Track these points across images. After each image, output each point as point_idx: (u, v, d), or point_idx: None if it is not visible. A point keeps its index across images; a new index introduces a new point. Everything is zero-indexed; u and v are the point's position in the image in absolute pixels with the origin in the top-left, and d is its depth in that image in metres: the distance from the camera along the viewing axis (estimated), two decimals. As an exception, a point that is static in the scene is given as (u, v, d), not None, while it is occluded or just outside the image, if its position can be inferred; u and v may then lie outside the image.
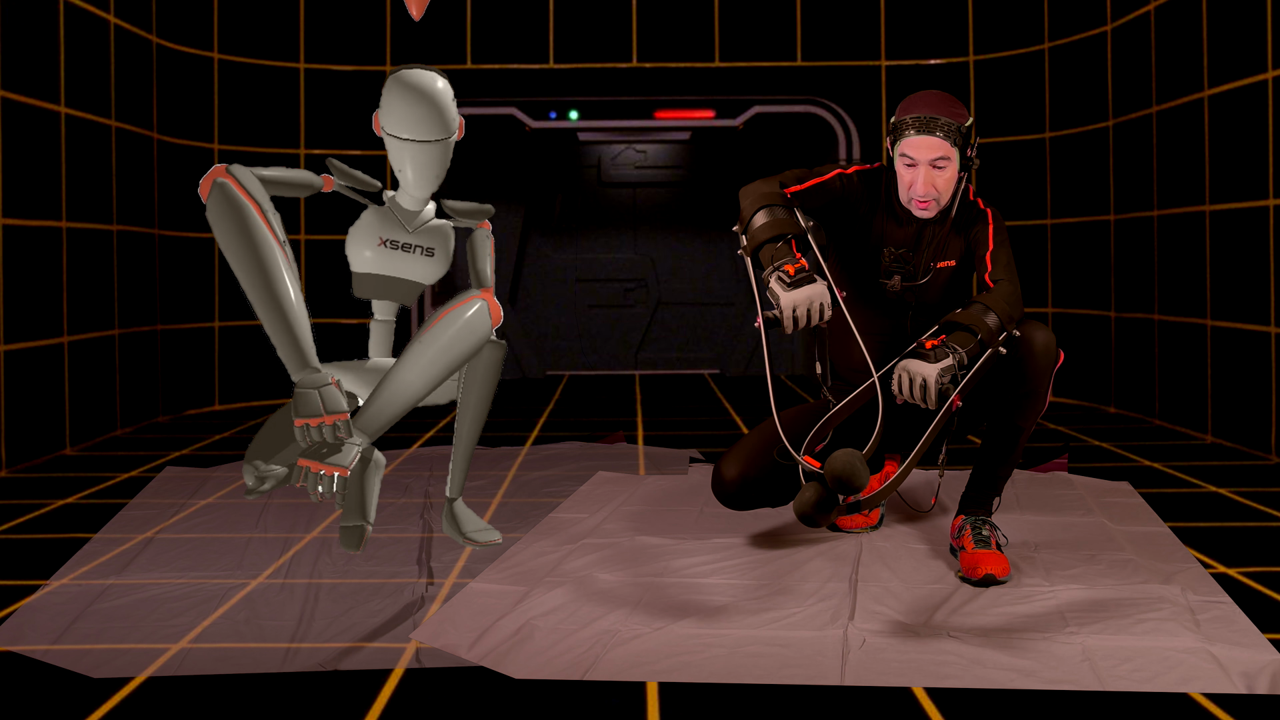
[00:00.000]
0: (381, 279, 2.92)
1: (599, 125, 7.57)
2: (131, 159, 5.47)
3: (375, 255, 2.90)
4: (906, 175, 2.76)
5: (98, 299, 5.12)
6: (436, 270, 2.96)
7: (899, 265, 2.85)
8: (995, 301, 2.61)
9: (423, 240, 2.93)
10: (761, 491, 2.91)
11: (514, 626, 2.37)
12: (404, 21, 6.71)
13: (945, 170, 2.73)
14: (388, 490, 3.70)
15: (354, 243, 2.91)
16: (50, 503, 3.72)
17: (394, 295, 2.96)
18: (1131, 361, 5.75)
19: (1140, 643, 2.24)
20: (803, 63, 6.81)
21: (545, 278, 8.75)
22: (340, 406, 2.44)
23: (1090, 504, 3.50)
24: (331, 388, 2.45)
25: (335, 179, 2.87)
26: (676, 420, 5.61)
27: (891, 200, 2.85)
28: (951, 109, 2.76)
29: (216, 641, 2.34)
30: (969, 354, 2.53)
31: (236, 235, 2.47)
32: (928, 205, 2.75)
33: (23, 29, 4.53)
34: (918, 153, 2.72)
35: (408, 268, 2.93)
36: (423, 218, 2.94)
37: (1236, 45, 4.69)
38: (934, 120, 2.72)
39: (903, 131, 2.74)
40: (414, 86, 2.82)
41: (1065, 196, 6.30)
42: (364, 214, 2.92)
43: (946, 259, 2.86)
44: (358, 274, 2.94)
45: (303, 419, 2.42)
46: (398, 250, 2.90)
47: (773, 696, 2.04)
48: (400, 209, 2.92)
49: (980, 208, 2.87)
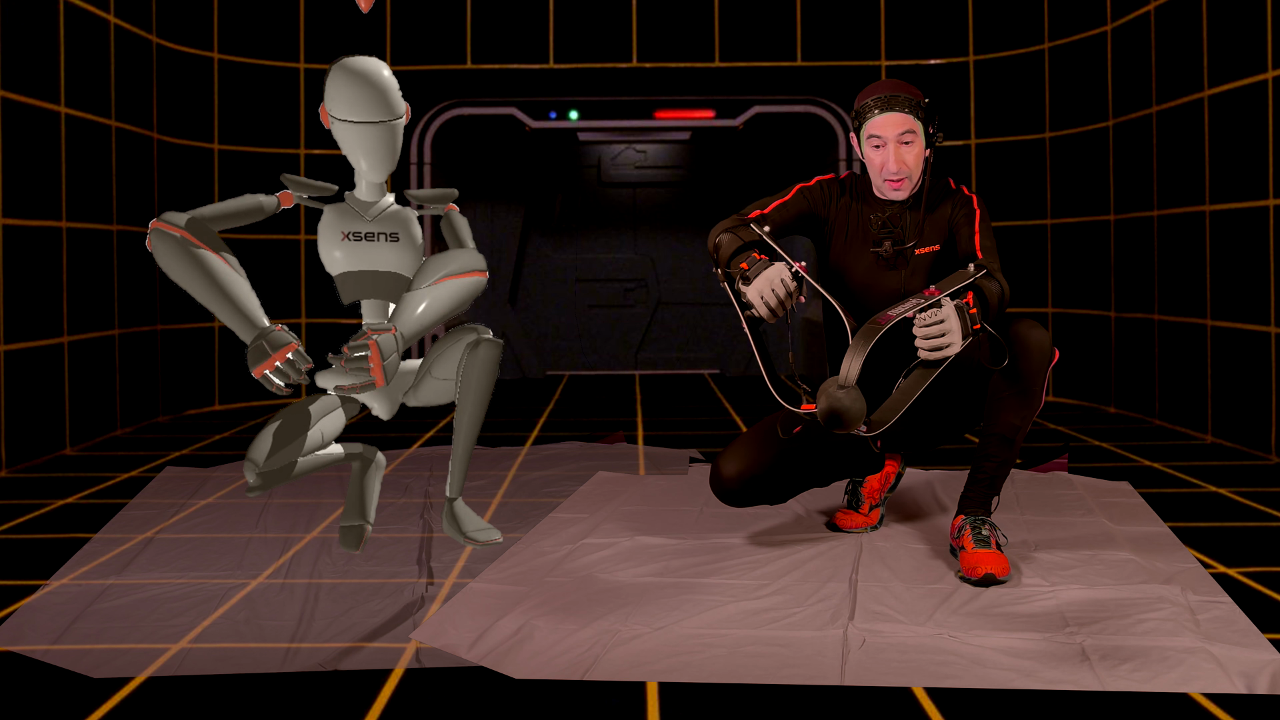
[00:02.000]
0: (358, 275, 2.94)
1: (599, 125, 7.57)
2: (131, 159, 5.47)
3: (343, 253, 2.92)
4: (876, 158, 2.84)
5: (98, 299, 5.12)
6: (407, 256, 2.97)
7: (888, 230, 2.89)
8: (988, 276, 2.63)
9: (384, 226, 2.95)
10: (760, 488, 2.92)
11: (514, 626, 2.37)
12: (404, 22, 6.72)
13: (913, 145, 2.82)
14: (388, 490, 3.71)
15: (322, 246, 2.94)
16: (50, 503, 3.72)
17: (378, 293, 2.96)
18: (1131, 361, 5.75)
19: (1140, 643, 2.24)
20: (803, 63, 6.81)
21: (545, 278, 8.75)
22: (284, 340, 2.56)
23: (1090, 504, 3.49)
24: (274, 330, 2.58)
25: (293, 191, 2.91)
26: (676, 420, 5.61)
27: (864, 195, 2.94)
28: (909, 89, 2.85)
29: (216, 641, 2.34)
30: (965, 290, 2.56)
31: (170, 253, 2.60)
32: (900, 184, 2.84)
33: (23, 29, 4.53)
34: (884, 130, 2.80)
35: (377, 258, 2.94)
36: (380, 205, 2.97)
37: (1236, 45, 4.69)
38: (895, 97, 2.81)
39: (867, 113, 2.83)
40: (358, 71, 2.86)
41: (1065, 196, 6.30)
42: (323, 215, 2.95)
43: (928, 244, 2.90)
44: (336, 278, 2.96)
45: (260, 368, 2.54)
46: (362, 241, 2.93)
47: (773, 696, 2.04)
48: (357, 201, 2.96)
49: (964, 193, 2.91)
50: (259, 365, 2.54)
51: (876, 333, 2.47)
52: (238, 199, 2.82)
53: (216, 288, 2.59)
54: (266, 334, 2.57)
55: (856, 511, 3.20)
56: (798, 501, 3.46)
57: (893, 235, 2.88)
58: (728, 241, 2.71)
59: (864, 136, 2.85)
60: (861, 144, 2.88)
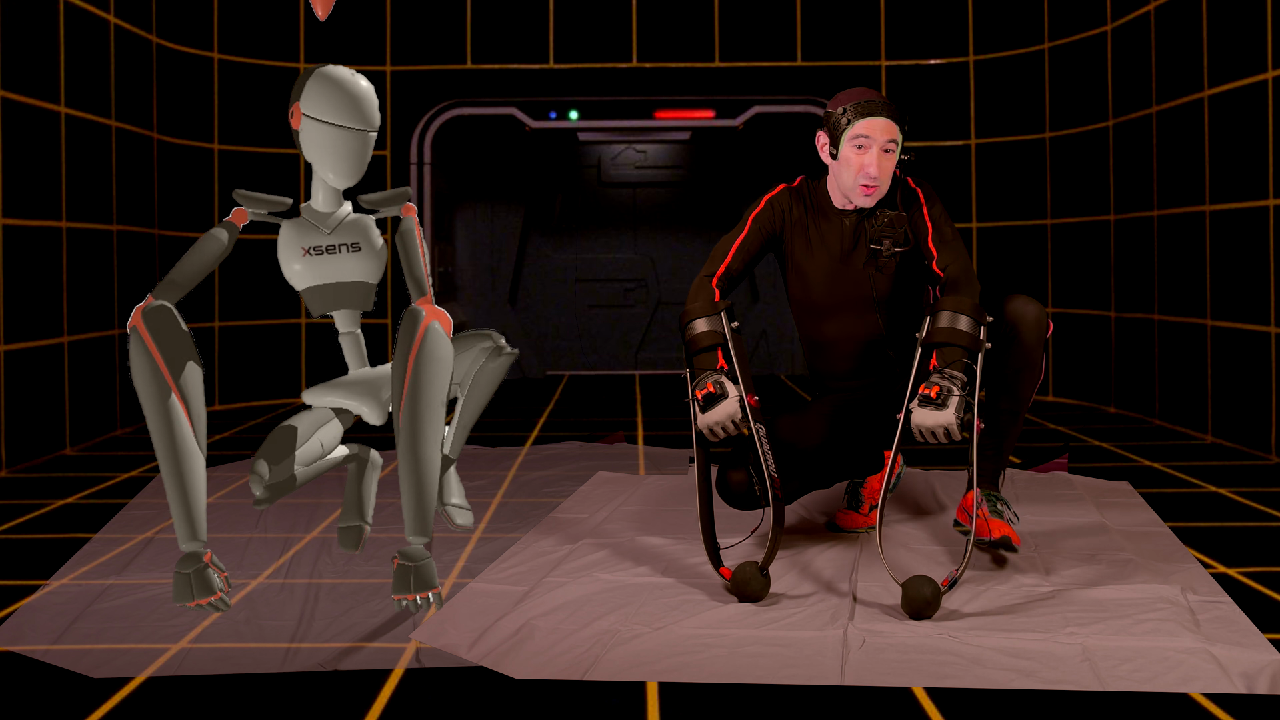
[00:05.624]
0: (322, 289, 2.87)
1: (599, 125, 7.56)
2: (131, 159, 5.47)
3: (304, 268, 2.84)
4: (856, 159, 2.80)
5: (98, 299, 5.12)
6: (371, 265, 2.89)
7: (889, 229, 2.85)
8: (958, 302, 2.62)
9: (343, 238, 2.86)
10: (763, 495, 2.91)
11: (514, 626, 2.37)
12: (404, 22, 6.72)
13: (891, 156, 2.81)
14: (386, 490, 3.70)
15: (283, 262, 2.86)
16: (50, 503, 3.72)
17: (346, 303, 2.90)
18: (1131, 361, 5.75)
19: (1140, 643, 2.24)
20: (803, 63, 6.81)
21: (545, 278, 8.75)
22: (210, 590, 2.49)
23: (1090, 504, 3.49)
24: (205, 570, 2.50)
25: (248, 209, 2.82)
26: (676, 420, 5.61)
27: (819, 204, 2.95)
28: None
29: (216, 641, 2.34)
30: (964, 371, 2.55)
31: (145, 396, 2.53)
32: (873, 190, 2.82)
33: (23, 29, 4.53)
34: (873, 131, 2.78)
35: (340, 269, 2.86)
36: (337, 216, 2.87)
37: (1236, 45, 4.69)
38: (888, 104, 2.82)
39: (857, 113, 2.79)
40: (345, 79, 2.79)
41: (1065, 196, 6.30)
42: (281, 232, 2.85)
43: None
44: (302, 292, 2.89)
45: (179, 601, 2.50)
46: (322, 255, 2.84)
47: (773, 696, 2.04)
48: (314, 213, 2.86)
49: (910, 186, 2.91)
50: (182, 600, 2.49)
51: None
52: (198, 251, 2.70)
53: (173, 466, 2.53)
54: (199, 570, 2.49)
55: (856, 512, 3.20)
56: (798, 501, 3.46)
57: (893, 236, 2.86)
58: (694, 334, 2.73)
59: (846, 136, 2.81)
60: (839, 144, 2.83)
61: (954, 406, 2.49)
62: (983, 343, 2.59)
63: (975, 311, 2.61)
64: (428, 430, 2.53)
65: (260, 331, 6.38)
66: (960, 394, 2.50)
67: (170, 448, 2.54)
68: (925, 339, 2.62)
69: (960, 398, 2.50)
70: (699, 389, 2.64)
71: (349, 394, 2.80)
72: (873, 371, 3.01)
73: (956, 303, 2.62)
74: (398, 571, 2.48)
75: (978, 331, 2.59)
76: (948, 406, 2.49)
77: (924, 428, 2.52)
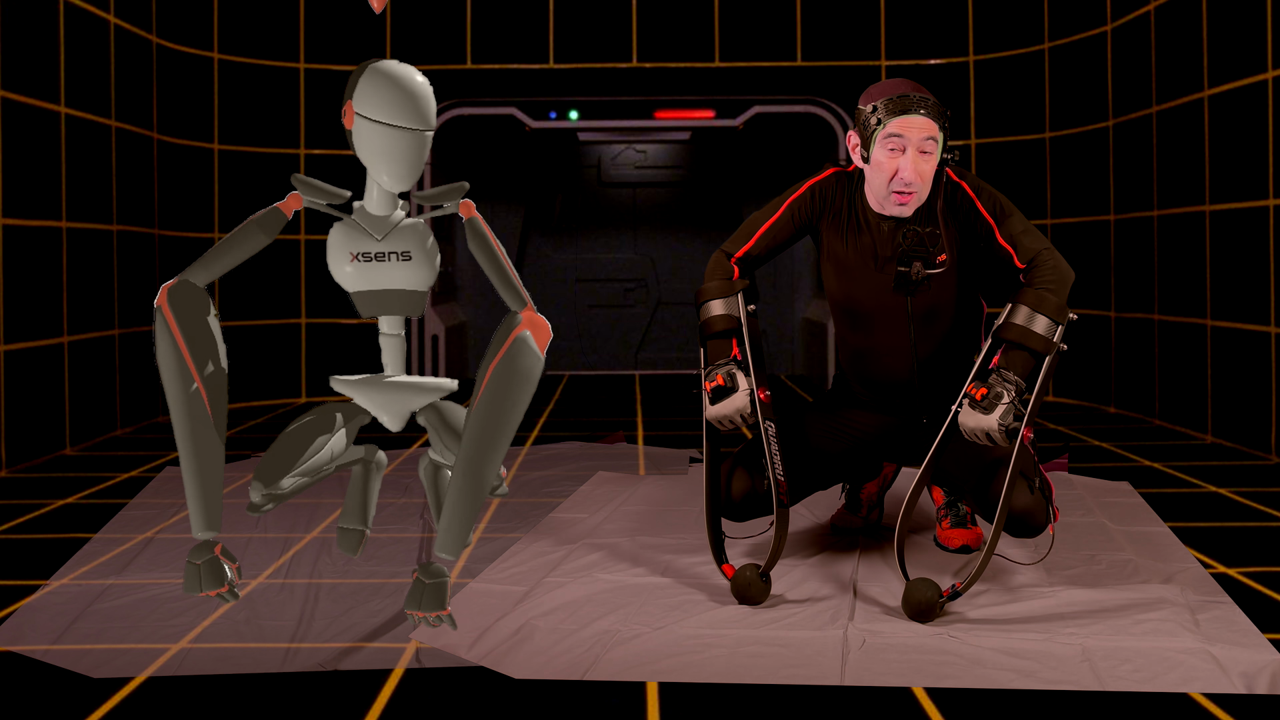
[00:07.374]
0: (372, 295, 2.75)
1: (599, 125, 7.56)
2: (131, 159, 5.47)
3: (354, 272, 2.72)
4: (889, 164, 2.54)
5: (98, 299, 5.12)
6: (422, 273, 2.76)
7: (920, 249, 2.61)
8: (1040, 299, 2.47)
9: (395, 245, 2.71)
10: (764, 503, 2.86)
11: (514, 626, 2.37)
12: (404, 22, 6.72)
13: (930, 157, 2.55)
14: (388, 490, 3.70)
15: (332, 263, 2.74)
16: (50, 503, 3.72)
17: (394, 309, 2.77)
18: (1131, 361, 5.75)
19: (1140, 643, 2.24)
20: (803, 63, 6.81)
21: (545, 278, 8.75)
22: (220, 581, 2.41)
23: (1090, 504, 3.49)
24: (215, 560, 2.42)
25: (304, 195, 2.69)
26: (676, 420, 5.61)
27: (856, 209, 2.70)
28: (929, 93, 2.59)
29: (216, 641, 2.34)
30: (1025, 375, 2.42)
31: (167, 380, 2.50)
32: (908, 199, 2.57)
33: (23, 29, 4.53)
34: (909, 131, 2.51)
35: (389, 277, 2.73)
36: (391, 221, 2.71)
37: (1236, 45, 4.69)
38: (925, 99, 2.53)
39: (889, 112, 2.52)
40: (400, 75, 2.62)
41: (1065, 196, 6.30)
42: (331, 232, 2.72)
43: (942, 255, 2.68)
44: (351, 294, 2.78)
45: (189, 591, 2.44)
46: (372, 262, 2.71)
47: (773, 696, 2.04)
48: (367, 216, 2.71)
49: (953, 180, 2.63)
50: (192, 591, 2.42)
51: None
52: (239, 245, 2.61)
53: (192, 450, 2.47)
54: (210, 561, 2.41)
55: (854, 514, 3.20)
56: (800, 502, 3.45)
57: (924, 257, 2.62)
58: (708, 316, 2.66)
59: (878, 137, 2.54)
60: (870, 146, 2.57)
61: (998, 413, 2.37)
62: (1057, 344, 2.47)
63: (1057, 311, 2.47)
64: (491, 448, 2.36)
65: (260, 331, 6.38)
66: (1009, 401, 2.38)
67: (189, 431, 2.47)
68: (997, 330, 2.49)
69: (1009, 405, 2.38)
70: (709, 380, 2.58)
71: (373, 397, 2.72)
72: (900, 393, 2.81)
73: (1039, 299, 2.47)
74: (414, 585, 2.39)
75: (1054, 333, 2.46)
76: (993, 411, 2.38)
77: (967, 429, 2.43)
